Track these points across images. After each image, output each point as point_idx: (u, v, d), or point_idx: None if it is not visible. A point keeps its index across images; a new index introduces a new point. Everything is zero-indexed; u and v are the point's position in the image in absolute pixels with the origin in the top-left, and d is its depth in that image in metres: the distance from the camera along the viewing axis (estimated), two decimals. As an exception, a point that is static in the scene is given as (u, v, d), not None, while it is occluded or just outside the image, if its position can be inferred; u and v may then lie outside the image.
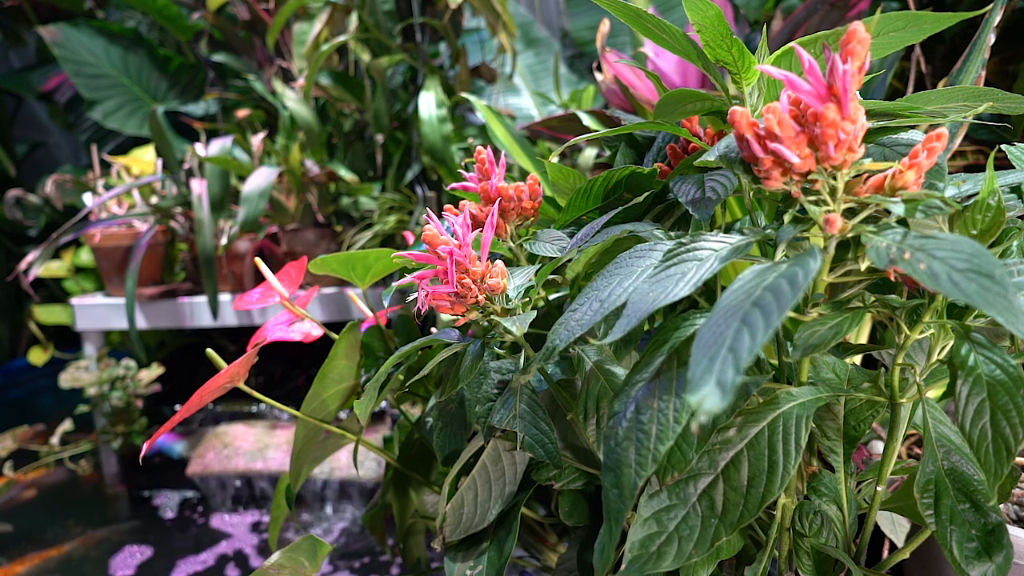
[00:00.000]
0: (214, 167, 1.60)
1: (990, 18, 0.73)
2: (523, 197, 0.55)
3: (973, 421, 0.36)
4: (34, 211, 2.41)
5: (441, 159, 1.53)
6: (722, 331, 0.29)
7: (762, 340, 0.28)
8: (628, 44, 2.02)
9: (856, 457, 0.62)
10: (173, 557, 1.24)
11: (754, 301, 0.30)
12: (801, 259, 0.31)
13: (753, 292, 0.31)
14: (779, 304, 0.29)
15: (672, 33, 0.47)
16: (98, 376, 1.74)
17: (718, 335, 0.29)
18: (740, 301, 0.30)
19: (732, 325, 0.29)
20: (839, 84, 0.32)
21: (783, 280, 0.30)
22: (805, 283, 0.29)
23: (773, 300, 0.29)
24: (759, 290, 0.30)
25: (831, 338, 0.38)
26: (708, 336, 0.29)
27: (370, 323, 0.79)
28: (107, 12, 2.60)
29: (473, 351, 0.51)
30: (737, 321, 0.29)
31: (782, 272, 0.31)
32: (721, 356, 0.28)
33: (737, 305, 0.30)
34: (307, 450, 0.70)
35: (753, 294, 0.30)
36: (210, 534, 1.33)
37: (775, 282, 0.30)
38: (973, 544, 0.41)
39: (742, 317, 0.29)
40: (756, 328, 0.28)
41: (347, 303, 1.67)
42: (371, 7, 1.67)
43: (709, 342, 0.29)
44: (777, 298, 0.29)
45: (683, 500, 0.40)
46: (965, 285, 0.28)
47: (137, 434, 1.76)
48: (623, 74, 1.13)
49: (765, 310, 0.29)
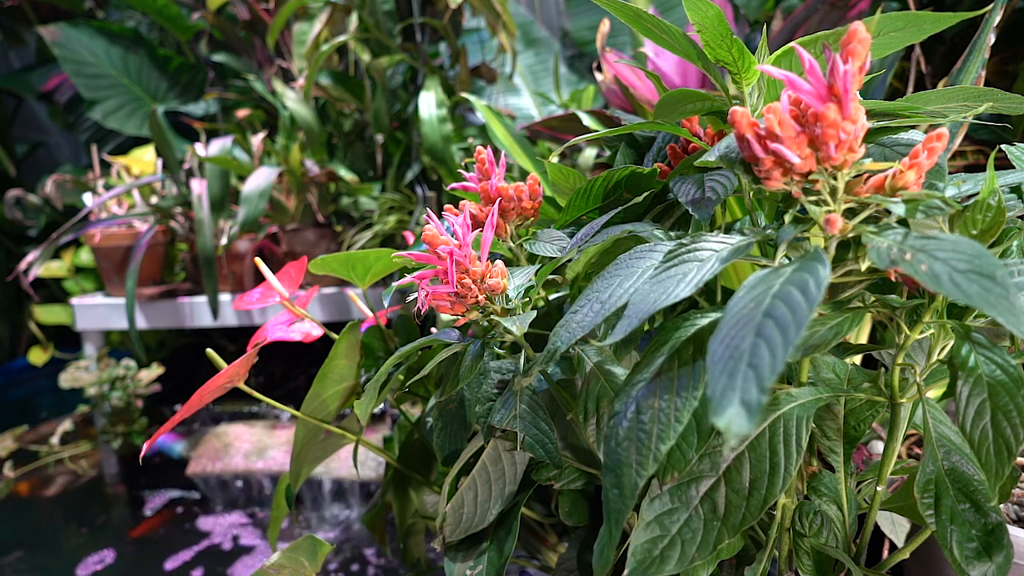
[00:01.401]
0: (214, 167, 1.60)
1: (990, 18, 0.73)
2: (523, 197, 0.55)
3: (974, 422, 0.36)
4: (34, 211, 2.41)
5: (441, 159, 1.53)
6: (737, 344, 0.28)
7: (783, 356, 0.27)
8: (628, 44, 2.02)
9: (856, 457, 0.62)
10: (173, 557, 1.24)
11: (766, 311, 0.29)
12: (808, 264, 0.31)
13: (762, 300, 0.30)
14: (795, 317, 0.28)
15: (672, 33, 0.47)
16: (98, 376, 1.74)
17: (733, 348, 0.28)
18: (750, 311, 0.30)
19: (747, 339, 0.28)
20: (839, 84, 0.32)
21: (793, 288, 0.30)
22: (819, 294, 0.28)
23: (788, 312, 0.28)
24: (768, 298, 0.30)
25: (831, 338, 0.38)
26: (722, 349, 0.28)
27: (370, 323, 0.79)
28: (107, 12, 2.60)
29: (473, 351, 0.51)
30: (752, 334, 0.28)
31: (789, 278, 0.30)
32: (741, 372, 0.27)
33: (748, 315, 0.29)
34: (307, 450, 0.70)
35: (763, 303, 0.29)
36: (210, 534, 1.33)
37: (784, 290, 0.30)
38: (973, 544, 0.41)
39: (756, 329, 0.28)
40: (775, 343, 0.27)
41: (347, 303, 1.67)
42: (371, 7, 1.67)
43: (724, 356, 0.28)
44: (792, 310, 0.28)
45: (685, 503, 0.40)
46: (967, 286, 0.28)
47: (137, 434, 1.76)
48: (623, 74, 1.13)
49: (781, 322, 0.28)
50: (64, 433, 1.80)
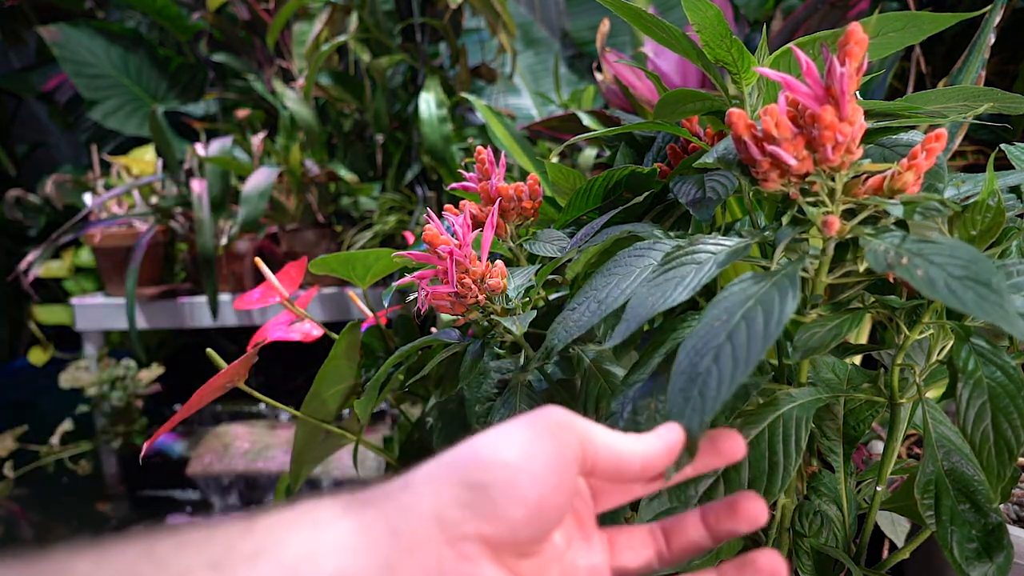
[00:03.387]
0: (214, 167, 1.60)
1: (990, 18, 0.73)
2: (523, 197, 0.55)
3: (975, 424, 0.36)
4: (34, 211, 2.41)
5: (441, 159, 1.53)
6: (696, 363, 0.30)
7: (727, 391, 0.28)
8: (628, 44, 2.02)
9: (856, 457, 0.62)
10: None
11: (730, 332, 0.30)
12: (781, 283, 0.32)
13: (733, 315, 0.31)
14: (750, 352, 0.29)
15: (672, 33, 0.47)
16: (98, 376, 1.74)
17: (693, 367, 0.30)
18: (721, 323, 0.31)
19: (706, 360, 0.30)
20: (837, 85, 0.32)
21: (760, 311, 0.30)
22: (778, 329, 0.29)
23: (745, 343, 0.29)
24: (737, 316, 0.31)
25: (831, 340, 0.38)
26: (686, 363, 0.30)
27: (370, 323, 0.79)
28: (107, 12, 2.60)
29: (473, 351, 0.51)
30: (711, 357, 0.30)
31: (761, 296, 0.31)
32: (692, 400, 0.29)
33: (716, 330, 0.31)
34: (307, 450, 0.70)
35: (732, 319, 0.31)
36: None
37: (752, 312, 0.31)
38: (973, 544, 0.41)
39: (715, 353, 0.30)
40: (724, 375, 0.29)
41: (347, 303, 1.67)
42: (371, 7, 1.67)
43: (686, 371, 0.30)
44: (750, 341, 0.29)
45: (684, 502, 0.40)
46: (962, 293, 0.28)
47: (137, 434, 1.76)
48: (623, 74, 1.13)
49: (736, 352, 0.29)
50: (64, 433, 1.80)
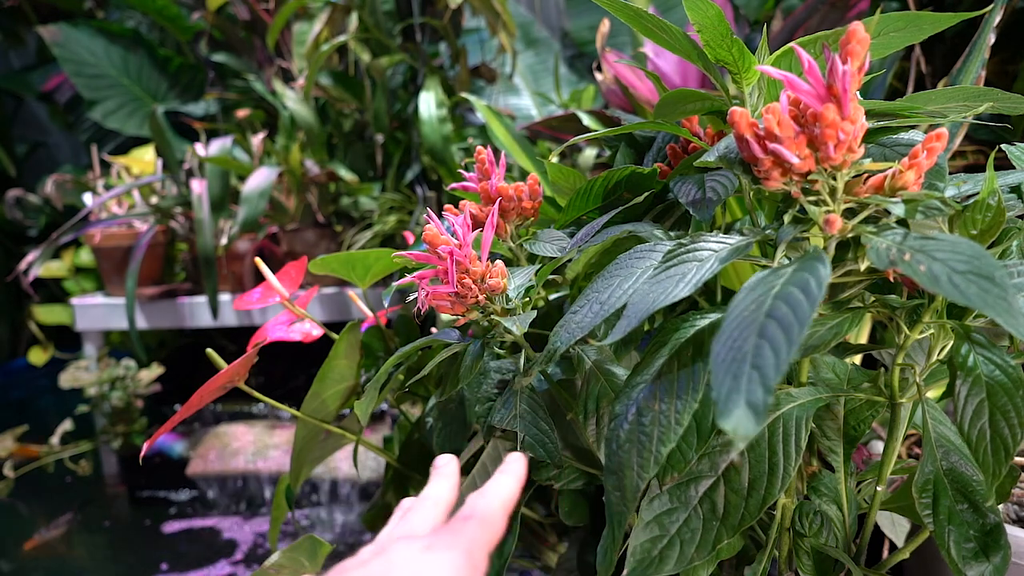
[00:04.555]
0: (214, 167, 1.60)
1: (990, 18, 0.73)
2: (523, 197, 0.55)
3: (972, 421, 0.36)
4: (34, 211, 2.41)
5: (441, 159, 1.53)
6: (740, 345, 0.28)
7: (787, 356, 0.26)
8: (628, 44, 2.02)
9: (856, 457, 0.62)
10: (172, 557, 1.24)
11: (768, 312, 0.29)
12: (808, 264, 0.31)
13: (764, 301, 0.29)
14: (798, 316, 0.28)
15: (672, 33, 0.47)
16: (98, 376, 1.74)
17: (736, 349, 0.28)
18: (752, 312, 0.29)
19: (750, 339, 0.28)
20: (838, 84, 0.32)
21: (794, 288, 0.29)
22: (820, 293, 0.28)
23: (790, 312, 0.28)
24: (770, 299, 0.29)
25: (831, 339, 0.38)
26: (725, 351, 0.28)
27: (370, 323, 0.79)
28: (107, 12, 2.60)
29: (473, 351, 0.51)
30: (755, 335, 0.28)
31: (790, 278, 0.30)
32: (746, 374, 0.27)
33: (750, 317, 0.29)
34: (307, 450, 0.70)
35: (764, 304, 0.29)
36: (209, 534, 1.33)
37: (785, 290, 0.30)
38: (971, 544, 0.41)
39: (759, 330, 0.28)
40: (778, 342, 0.27)
41: (347, 303, 1.67)
42: (371, 7, 1.67)
43: (728, 357, 0.28)
44: (794, 310, 0.28)
45: (684, 503, 0.40)
46: (965, 287, 0.28)
47: (137, 434, 1.76)
48: (623, 74, 1.13)
49: (783, 323, 0.28)
50: (64, 433, 1.80)
